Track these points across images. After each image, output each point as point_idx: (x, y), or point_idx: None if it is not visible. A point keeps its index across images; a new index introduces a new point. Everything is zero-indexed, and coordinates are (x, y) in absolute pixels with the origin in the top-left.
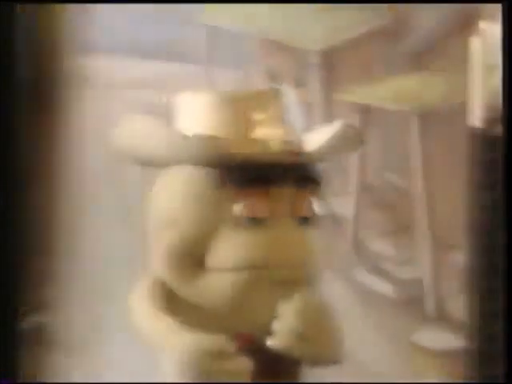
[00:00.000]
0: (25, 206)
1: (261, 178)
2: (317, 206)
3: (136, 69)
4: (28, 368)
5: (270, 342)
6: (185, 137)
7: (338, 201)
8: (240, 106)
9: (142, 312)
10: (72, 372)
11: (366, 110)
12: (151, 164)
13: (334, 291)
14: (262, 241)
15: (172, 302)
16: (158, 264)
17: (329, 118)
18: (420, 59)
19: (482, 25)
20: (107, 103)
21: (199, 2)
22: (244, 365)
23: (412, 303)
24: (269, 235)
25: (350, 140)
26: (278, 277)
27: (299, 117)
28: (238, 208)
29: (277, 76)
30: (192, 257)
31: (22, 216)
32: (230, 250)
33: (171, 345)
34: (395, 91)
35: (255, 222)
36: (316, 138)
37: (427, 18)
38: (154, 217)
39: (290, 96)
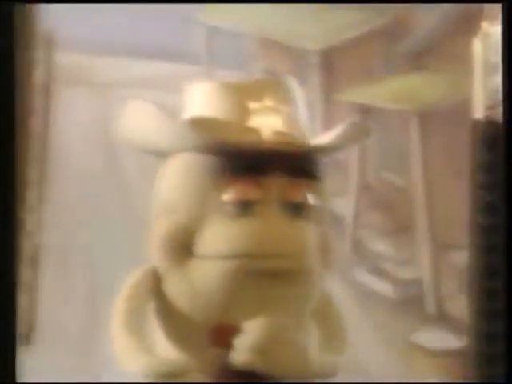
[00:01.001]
0: (24, 206)
1: (251, 167)
2: (311, 198)
3: (136, 69)
4: (28, 368)
5: (232, 358)
6: (179, 121)
7: (337, 201)
8: (237, 94)
9: (115, 323)
10: (72, 372)
11: (366, 110)
12: (153, 152)
13: (334, 291)
14: (253, 230)
15: (158, 292)
16: (153, 251)
17: (329, 117)
18: (420, 59)
19: (482, 25)
20: (107, 103)
21: (199, 2)
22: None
23: (412, 303)
24: (259, 224)
25: (356, 135)
26: (268, 266)
27: (304, 110)
28: (228, 194)
29: (277, 76)
30: (186, 244)
31: (22, 215)
32: (220, 239)
33: (129, 365)
34: (395, 91)
35: (245, 207)
36: (322, 138)
37: (427, 18)
38: (154, 205)
39: (295, 89)
